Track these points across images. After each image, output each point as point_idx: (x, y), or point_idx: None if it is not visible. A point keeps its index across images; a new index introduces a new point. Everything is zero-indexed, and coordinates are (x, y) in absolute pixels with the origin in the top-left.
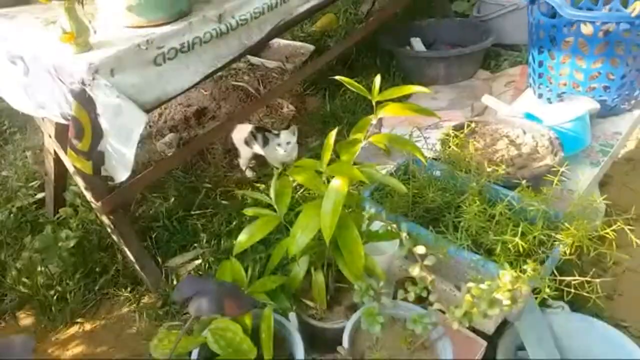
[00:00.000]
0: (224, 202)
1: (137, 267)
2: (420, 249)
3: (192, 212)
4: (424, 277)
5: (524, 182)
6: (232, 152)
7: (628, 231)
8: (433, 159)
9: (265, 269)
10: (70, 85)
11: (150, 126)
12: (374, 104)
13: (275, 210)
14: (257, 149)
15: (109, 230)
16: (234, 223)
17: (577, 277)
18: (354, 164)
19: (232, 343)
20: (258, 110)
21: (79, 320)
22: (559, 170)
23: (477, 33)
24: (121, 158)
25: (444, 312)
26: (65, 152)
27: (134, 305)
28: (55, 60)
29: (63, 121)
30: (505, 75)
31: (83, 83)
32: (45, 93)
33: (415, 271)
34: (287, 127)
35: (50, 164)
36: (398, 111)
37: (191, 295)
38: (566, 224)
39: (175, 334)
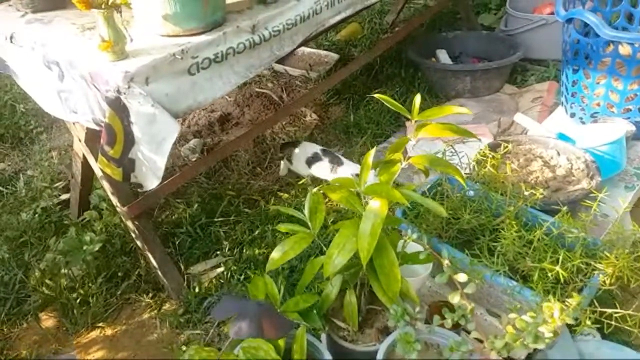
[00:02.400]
0: (246, 210)
1: (159, 273)
2: (461, 277)
3: (215, 219)
4: (464, 305)
5: (564, 208)
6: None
7: None
8: (467, 177)
9: (292, 287)
10: (106, 92)
11: None
12: (413, 122)
13: (307, 226)
14: (319, 172)
15: (133, 235)
16: (257, 232)
17: (618, 310)
18: None
19: None
20: (282, 119)
21: (100, 324)
22: (595, 195)
23: (504, 47)
24: (152, 166)
25: (481, 341)
26: (94, 157)
27: (155, 311)
28: (91, 67)
29: (95, 127)
30: (532, 90)
31: (118, 91)
32: (78, 98)
33: (455, 299)
34: (310, 136)
35: (77, 167)
36: (438, 132)
37: (229, 317)
38: (606, 253)
39: (206, 351)
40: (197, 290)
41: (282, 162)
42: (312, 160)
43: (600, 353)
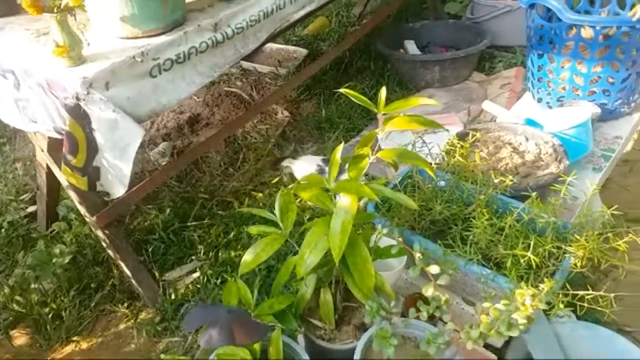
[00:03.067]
0: (220, 212)
1: (133, 281)
2: (434, 269)
3: (189, 224)
4: (438, 297)
5: (534, 194)
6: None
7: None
8: (437, 168)
9: (270, 286)
10: (64, 99)
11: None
12: (379, 116)
13: (279, 227)
14: None
15: (104, 244)
16: (232, 234)
17: (590, 292)
18: None
19: None
20: (253, 117)
21: (75, 338)
22: (564, 179)
23: (471, 35)
24: (118, 173)
25: (457, 331)
26: (59, 166)
27: (132, 321)
28: (48, 74)
29: (56, 135)
30: (500, 77)
31: (77, 98)
32: (37, 107)
33: (428, 291)
34: (282, 133)
35: (42, 178)
36: (405, 125)
37: (201, 326)
38: (576, 236)
39: (178, 358)
40: (173, 297)
41: (284, 176)
42: (320, 174)
43: (576, 334)
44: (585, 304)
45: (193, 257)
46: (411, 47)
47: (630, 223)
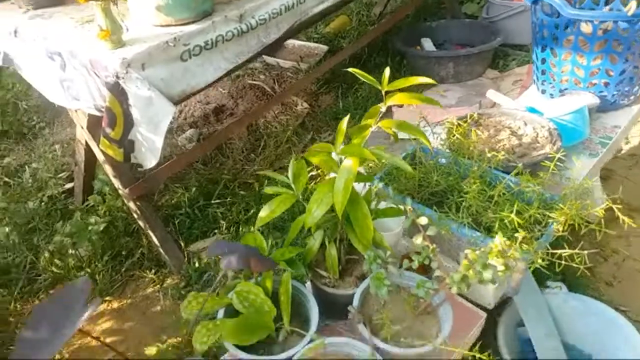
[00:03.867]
0: (242, 192)
1: (161, 250)
2: (422, 220)
3: (212, 202)
4: (427, 247)
5: (520, 164)
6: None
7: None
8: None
9: (282, 246)
10: (105, 78)
11: (171, 122)
12: (383, 93)
13: (291, 189)
14: None
15: (135, 216)
16: (252, 211)
17: (567, 250)
18: None
19: (254, 304)
20: (274, 107)
21: (107, 298)
22: (559, 158)
23: (486, 34)
24: (150, 146)
25: (444, 280)
26: (97, 142)
27: (158, 285)
28: (91, 55)
29: (96, 113)
30: (512, 74)
31: (117, 76)
32: (80, 86)
33: (418, 240)
34: (301, 123)
35: (81, 154)
36: (405, 100)
37: (222, 253)
38: (560, 204)
39: (203, 295)
40: (196, 265)
41: None
42: None
43: (567, 305)
44: (563, 262)
45: (216, 231)
46: (427, 44)
47: (632, 212)
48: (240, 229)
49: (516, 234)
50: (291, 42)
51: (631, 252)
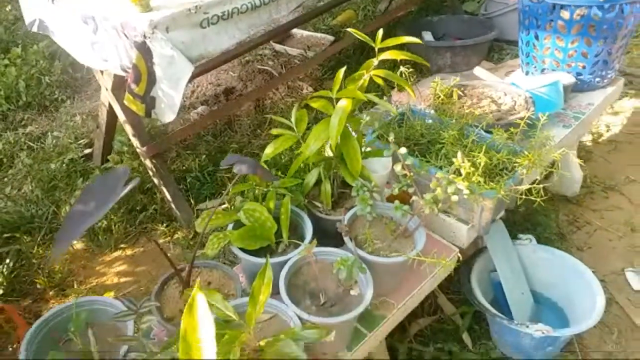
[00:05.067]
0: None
1: (172, 205)
2: (402, 150)
3: (221, 168)
4: (405, 175)
5: (491, 115)
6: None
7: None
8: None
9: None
10: (134, 37)
11: (184, 100)
12: (376, 50)
13: (294, 131)
14: None
15: (150, 173)
16: (255, 192)
17: (526, 186)
18: None
19: (259, 219)
20: (279, 87)
21: (122, 246)
22: (531, 122)
23: (483, 29)
24: (170, 102)
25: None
26: (119, 104)
27: (169, 237)
28: (123, 18)
29: (122, 73)
30: (505, 66)
31: (144, 36)
32: (109, 48)
33: (398, 168)
34: (306, 106)
35: (103, 116)
36: (395, 55)
37: (235, 162)
38: (525, 152)
39: (215, 212)
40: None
41: None
42: None
43: (536, 255)
44: (524, 196)
45: (223, 192)
46: (428, 37)
47: (608, 190)
48: (246, 191)
49: (477, 159)
50: (299, 32)
51: (603, 224)
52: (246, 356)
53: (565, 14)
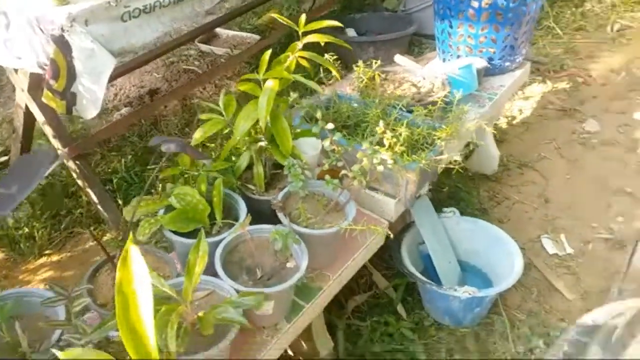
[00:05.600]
0: (177, 159)
1: (99, 207)
2: (329, 125)
3: (148, 167)
4: (334, 150)
5: (411, 97)
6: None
7: None
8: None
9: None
10: (51, 31)
11: (107, 103)
12: (300, 34)
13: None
14: None
15: (74, 175)
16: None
17: (443, 156)
18: None
19: (190, 203)
20: (206, 86)
21: (47, 252)
22: (448, 101)
23: (403, 24)
24: (92, 97)
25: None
26: (37, 104)
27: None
28: (38, 12)
29: (39, 71)
30: (425, 58)
31: (62, 29)
32: (23, 45)
33: (326, 143)
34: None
35: (19, 119)
36: (319, 38)
37: (162, 142)
38: (443, 127)
39: (144, 199)
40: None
41: None
42: None
43: (460, 226)
44: (443, 165)
45: (152, 193)
46: (351, 33)
47: (522, 167)
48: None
49: (400, 132)
50: (225, 32)
51: (520, 198)
52: (184, 329)
53: (475, 3)
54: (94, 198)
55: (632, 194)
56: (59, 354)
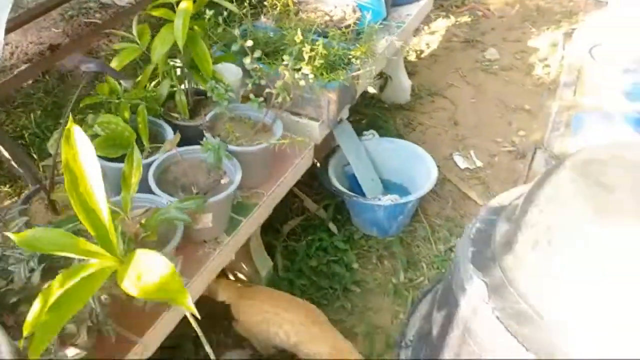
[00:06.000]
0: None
1: (13, 164)
2: (249, 43)
3: (60, 121)
4: (255, 68)
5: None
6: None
7: None
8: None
9: None
10: None
11: (4, 62)
12: None
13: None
14: None
15: None
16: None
17: (361, 71)
18: None
19: (115, 130)
20: (112, 38)
21: None
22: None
23: None
24: None
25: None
26: None
27: (16, 197)
28: None
29: None
30: None
31: None
32: None
33: (247, 60)
34: None
35: None
36: None
37: (81, 61)
38: (358, 45)
39: None
40: (54, 175)
41: None
42: None
43: (381, 147)
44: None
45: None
46: None
47: (433, 95)
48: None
49: (318, 47)
50: None
51: (432, 123)
52: (129, 239)
53: None
54: (6, 155)
55: (530, 110)
56: (12, 236)
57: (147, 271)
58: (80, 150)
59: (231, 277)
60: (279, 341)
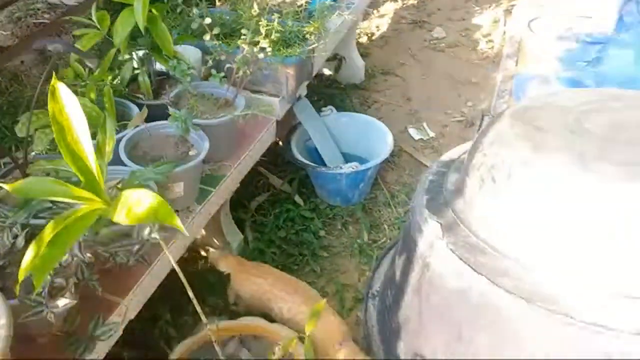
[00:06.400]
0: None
1: None
2: (207, 20)
3: (18, 119)
4: (214, 44)
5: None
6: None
7: None
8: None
9: None
10: None
11: None
12: None
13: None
14: None
15: None
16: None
17: (315, 45)
18: None
19: (84, 111)
20: (62, 36)
21: None
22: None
23: None
24: None
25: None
26: None
27: None
28: None
29: None
30: None
31: None
32: None
33: (207, 37)
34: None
35: None
36: None
37: (47, 44)
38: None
39: (35, 113)
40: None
41: None
42: None
43: (339, 121)
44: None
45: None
46: None
47: (385, 75)
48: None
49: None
50: None
51: (386, 100)
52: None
53: None
54: None
55: (476, 83)
56: (5, 186)
57: (137, 204)
58: (65, 104)
59: (203, 253)
60: (274, 315)
